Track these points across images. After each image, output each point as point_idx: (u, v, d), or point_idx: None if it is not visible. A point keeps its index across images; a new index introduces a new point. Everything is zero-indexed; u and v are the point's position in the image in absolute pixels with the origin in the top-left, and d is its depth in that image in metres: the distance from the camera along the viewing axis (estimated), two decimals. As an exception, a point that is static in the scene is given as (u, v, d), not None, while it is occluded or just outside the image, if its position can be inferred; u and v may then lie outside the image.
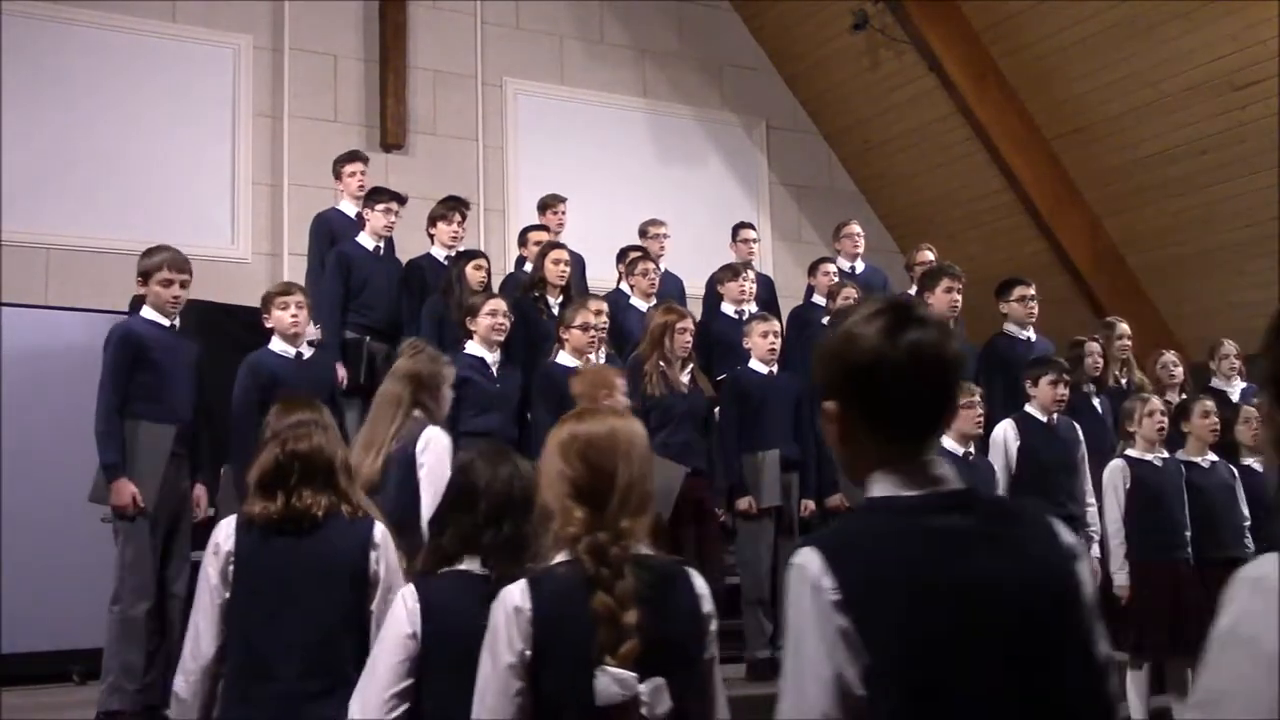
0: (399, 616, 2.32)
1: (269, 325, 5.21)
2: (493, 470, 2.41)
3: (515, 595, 1.98)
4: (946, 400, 1.59)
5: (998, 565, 1.49)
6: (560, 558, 2.01)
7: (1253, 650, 1.27)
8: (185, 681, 2.84)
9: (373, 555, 2.87)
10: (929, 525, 1.50)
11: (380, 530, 2.91)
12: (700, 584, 2.12)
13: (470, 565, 2.36)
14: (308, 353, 5.29)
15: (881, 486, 1.54)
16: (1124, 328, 6.79)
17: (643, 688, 1.93)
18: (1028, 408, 5.43)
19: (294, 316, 5.16)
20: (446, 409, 4.27)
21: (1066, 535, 1.58)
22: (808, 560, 1.47)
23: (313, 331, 5.62)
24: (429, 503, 3.53)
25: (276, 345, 5.18)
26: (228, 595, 2.85)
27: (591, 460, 2.04)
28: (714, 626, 2.11)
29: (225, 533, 2.91)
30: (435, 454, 3.83)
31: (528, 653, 1.94)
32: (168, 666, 4.83)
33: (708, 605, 2.10)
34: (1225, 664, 1.29)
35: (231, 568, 2.85)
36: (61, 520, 5.58)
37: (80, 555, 5.44)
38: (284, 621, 2.71)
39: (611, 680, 1.92)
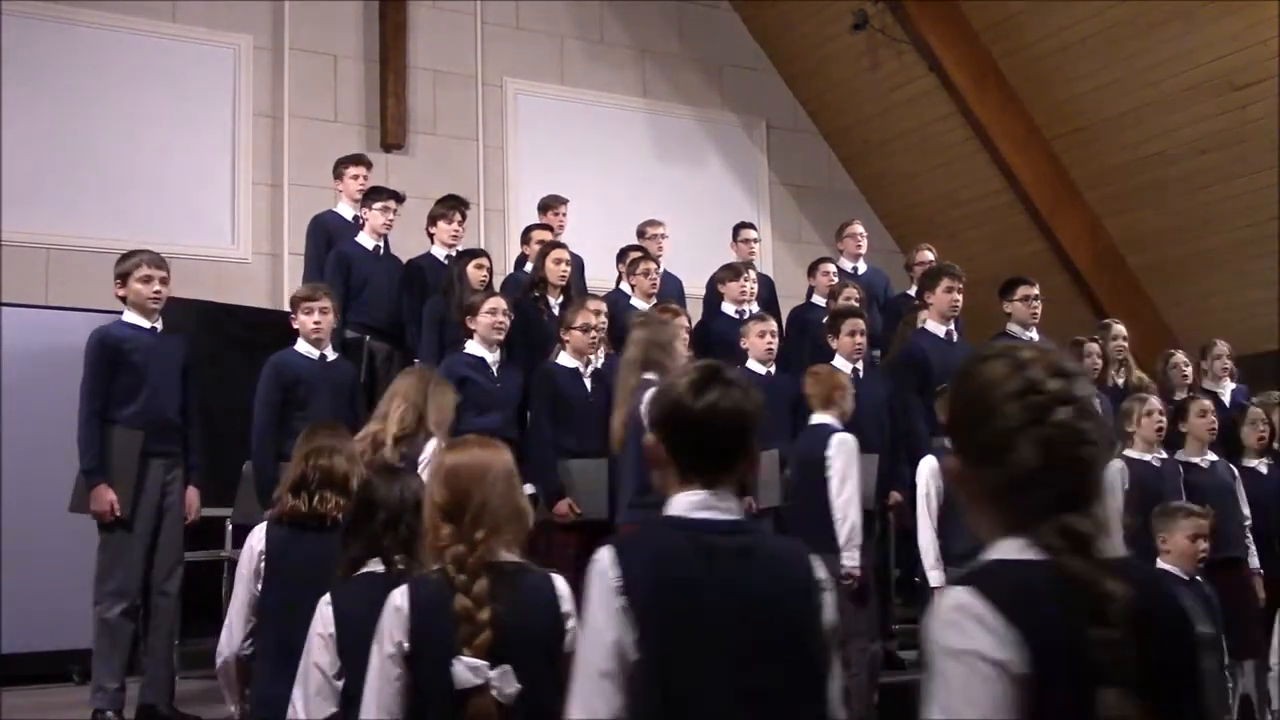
0: (317, 621, 2.73)
1: (295, 327, 5.21)
2: (387, 486, 2.90)
3: (396, 597, 2.38)
4: (738, 450, 2.01)
5: (747, 581, 1.91)
6: (434, 567, 2.42)
7: (971, 663, 1.40)
8: (221, 665, 3.47)
9: None
10: (699, 540, 1.93)
11: None
12: (562, 587, 2.47)
13: (374, 567, 2.82)
14: (331, 355, 5.29)
15: (674, 507, 1.98)
16: (1120, 328, 6.79)
17: (492, 674, 2.32)
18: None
19: (317, 322, 5.17)
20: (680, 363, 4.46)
21: (819, 571, 1.98)
22: (601, 556, 1.91)
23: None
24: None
25: (301, 346, 5.20)
26: (258, 590, 3.38)
27: (453, 486, 2.46)
28: (572, 624, 2.39)
29: (258, 535, 3.43)
30: None
31: (405, 645, 2.34)
32: (161, 665, 4.87)
33: (566, 606, 2.44)
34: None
35: (262, 565, 3.38)
36: (61, 520, 5.56)
37: (80, 555, 5.42)
38: (307, 607, 2.83)
39: (465, 668, 2.31)
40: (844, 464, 5.08)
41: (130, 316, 4.95)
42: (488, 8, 9.20)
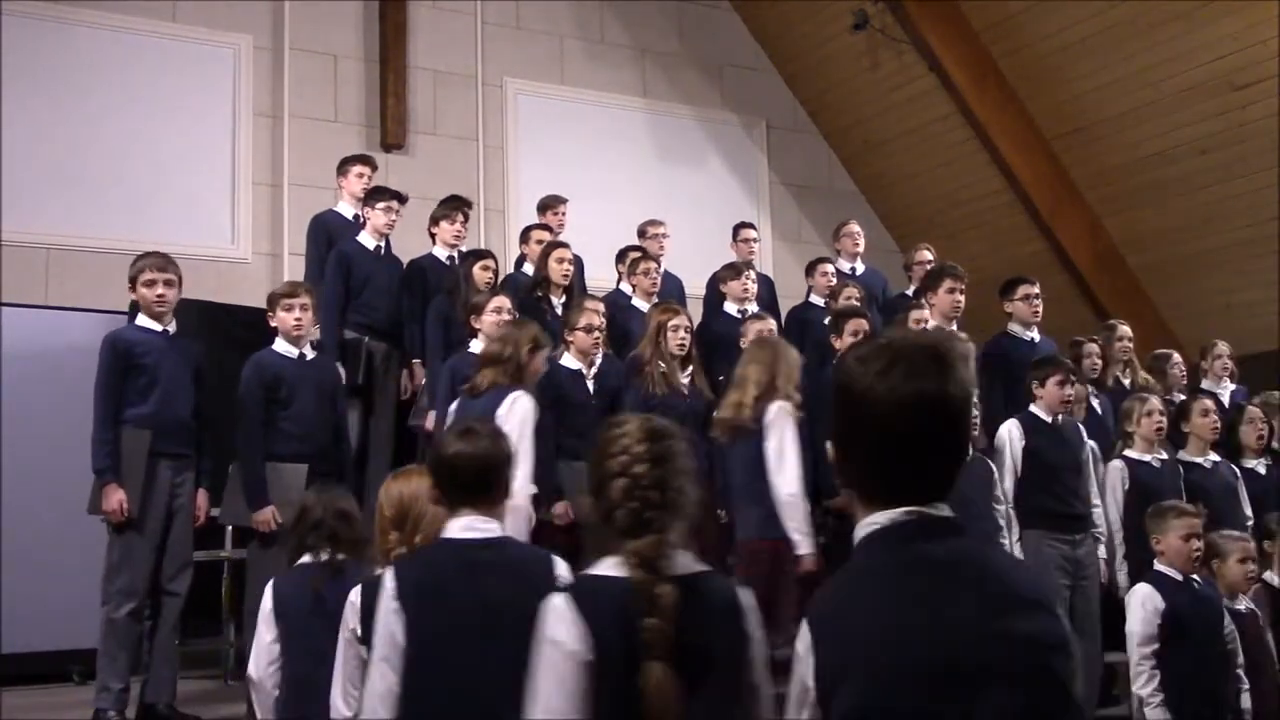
0: (263, 604, 3.44)
1: (273, 325, 5.20)
2: (317, 497, 3.64)
3: (354, 595, 2.89)
4: (490, 483, 2.63)
5: (491, 584, 2.47)
6: (381, 569, 2.81)
7: (554, 650, 1.95)
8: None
9: None
10: (460, 554, 2.56)
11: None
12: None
13: (306, 558, 3.51)
14: (310, 353, 5.28)
15: (447, 530, 2.60)
16: (1125, 329, 6.79)
17: None
18: (1033, 408, 5.40)
19: (298, 319, 5.14)
20: None
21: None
22: (387, 571, 2.59)
23: (313, 333, 5.62)
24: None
25: (280, 345, 5.17)
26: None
27: (398, 505, 2.99)
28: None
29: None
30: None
31: (358, 631, 2.82)
32: (164, 665, 4.88)
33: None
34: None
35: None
36: (62, 520, 5.58)
37: (80, 555, 5.43)
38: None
39: None
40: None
41: (142, 319, 4.98)
42: (488, 8, 9.19)
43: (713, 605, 2.04)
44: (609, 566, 2.03)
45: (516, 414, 4.43)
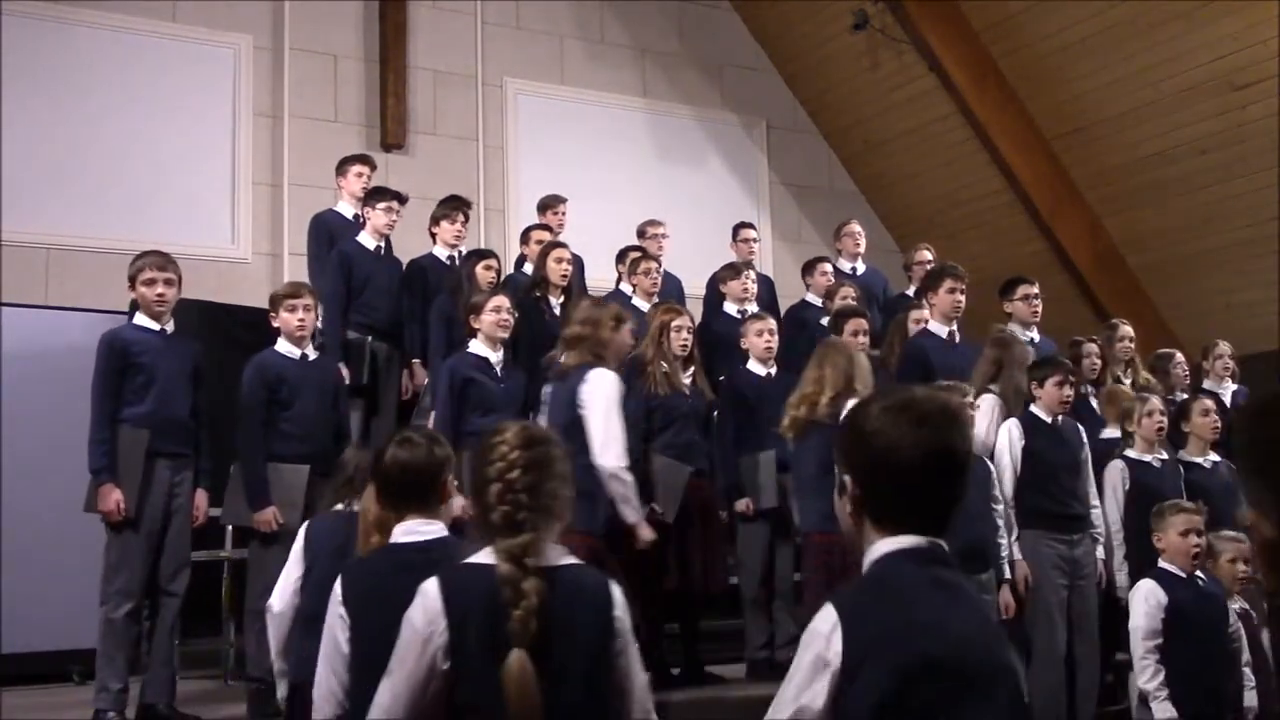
0: (297, 540, 3.71)
1: (276, 325, 5.20)
2: (354, 452, 3.96)
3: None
4: (432, 488, 2.79)
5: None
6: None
7: (410, 630, 2.14)
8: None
9: None
10: (399, 557, 2.67)
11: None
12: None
13: (340, 507, 3.74)
14: (313, 354, 5.27)
15: (395, 535, 2.76)
16: (1127, 329, 6.77)
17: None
18: (1032, 408, 5.40)
19: (301, 319, 5.14)
20: None
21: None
22: (339, 577, 2.71)
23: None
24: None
25: (282, 346, 5.17)
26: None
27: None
28: None
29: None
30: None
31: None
32: (163, 665, 4.88)
33: None
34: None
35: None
36: (61, 520, 5.57)
37: (80, 555, 5.43)
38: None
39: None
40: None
41: (140, 319, 4.96)
42: (488, 8, 9.19)
43: (580, 598, 2.19)
44: (485, 555, 2.19)
45: (600, 390, 4.57)
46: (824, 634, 1.76)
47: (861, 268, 7.80)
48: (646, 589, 4.90)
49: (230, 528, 5.97)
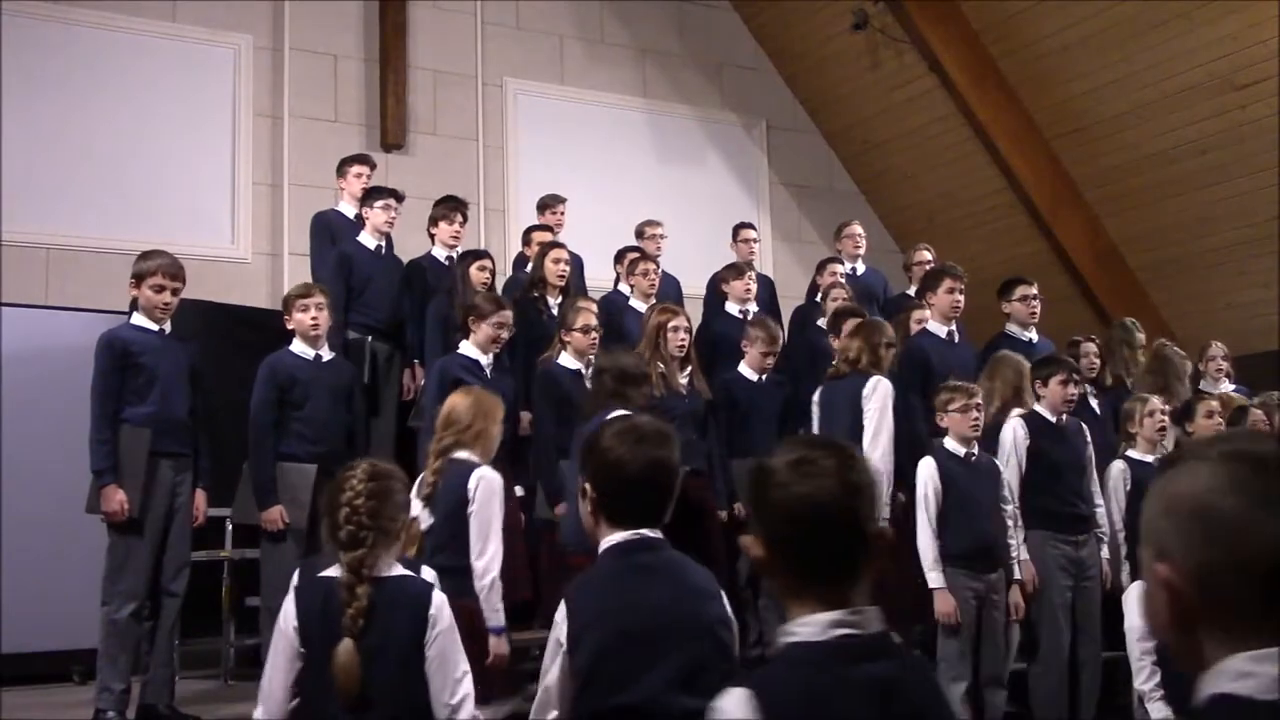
0: None
1: (290, 327, 5.20)
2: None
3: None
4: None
5: None
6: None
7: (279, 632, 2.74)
8: None
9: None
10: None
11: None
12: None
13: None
14: (327, 354, 5.27)
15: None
16: (1141, 335, 6.83)
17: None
18: (1037, 408, 5.40)
19: (314, 319, 5.16)
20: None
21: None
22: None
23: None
24: None
25: (296, 346, 5.19)
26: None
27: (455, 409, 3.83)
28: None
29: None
30: None
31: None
32: (163, 665, 4.88)
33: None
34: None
35: None
36: (61, 520, 5.57)
37: (80, 555, 5.43)
38: None
39: None
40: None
41: (139, 319, 4.96)
42: (488, 8, 9.19)
43: (401, 599, 2.73)
44: (333, 569, 2.74)
45: (878, 396, 5.09)
46: (559, 620, 2.29)
47: (862, 268, 7.80)
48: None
49: (231, 528, 5.98)
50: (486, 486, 3.89)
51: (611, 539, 2.34)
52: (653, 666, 2.21)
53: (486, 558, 3.86)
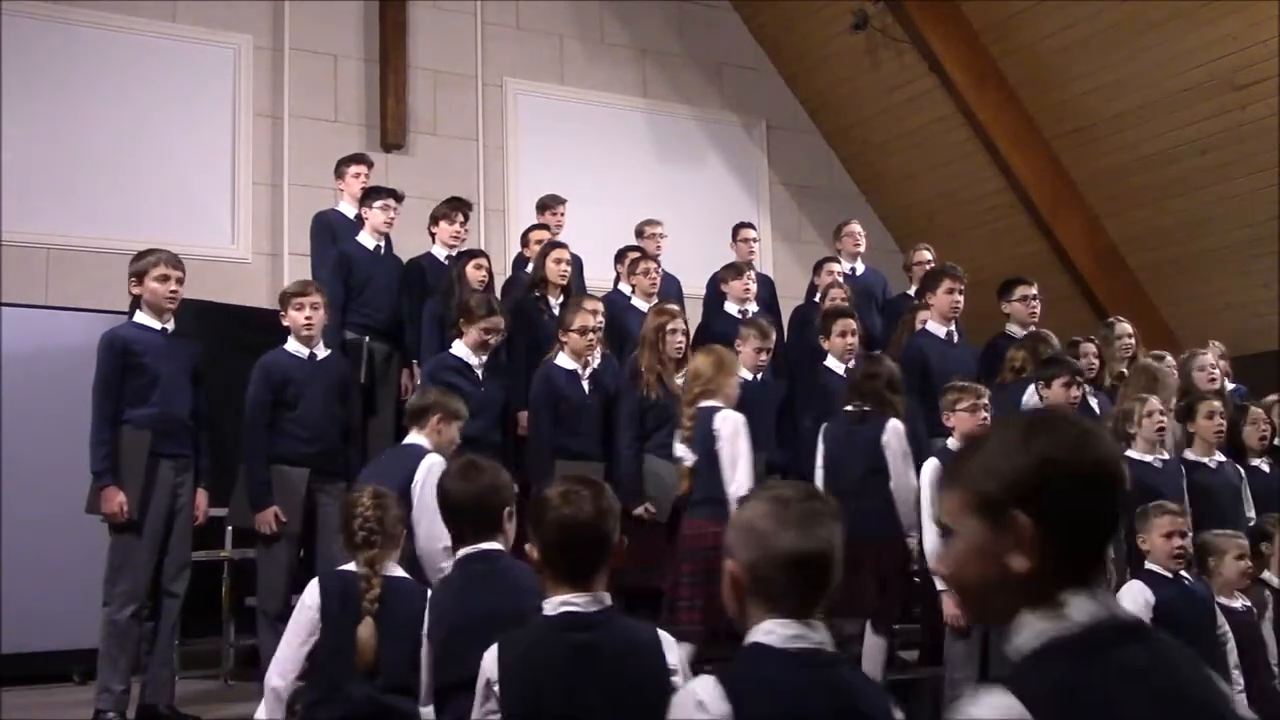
0: None
1: (285, 324, 5.20)
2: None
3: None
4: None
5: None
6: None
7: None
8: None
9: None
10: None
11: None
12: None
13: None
14: (322, 353, 5.26)
15: None
16: (1125, 327, 6.75)
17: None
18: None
19: (308, 318, 5.13)
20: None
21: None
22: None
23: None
24: None
25: (291, 345, 5.17)
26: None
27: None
28: None
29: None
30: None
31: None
32: (162, 665, 4.88)
33: None
34: None
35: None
36: (61, 520, 5.57)
37: (80, 555, 5.43)
38: None
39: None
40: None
41: (142, 317, 4.94)
42: (488, 8, 9.19)
43: (401, 592, 3.45)
44: (349, 565, 3.51)
45: (897, 438, 5.13)
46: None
47: (861, 268, 7.80)
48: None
49: (230, 528, 5.98)
50: (731, 424, 4.81)
51: (460, 551, 3.10)
52: (481, 649, 2.62)
53: (737, 482, 4.67)
